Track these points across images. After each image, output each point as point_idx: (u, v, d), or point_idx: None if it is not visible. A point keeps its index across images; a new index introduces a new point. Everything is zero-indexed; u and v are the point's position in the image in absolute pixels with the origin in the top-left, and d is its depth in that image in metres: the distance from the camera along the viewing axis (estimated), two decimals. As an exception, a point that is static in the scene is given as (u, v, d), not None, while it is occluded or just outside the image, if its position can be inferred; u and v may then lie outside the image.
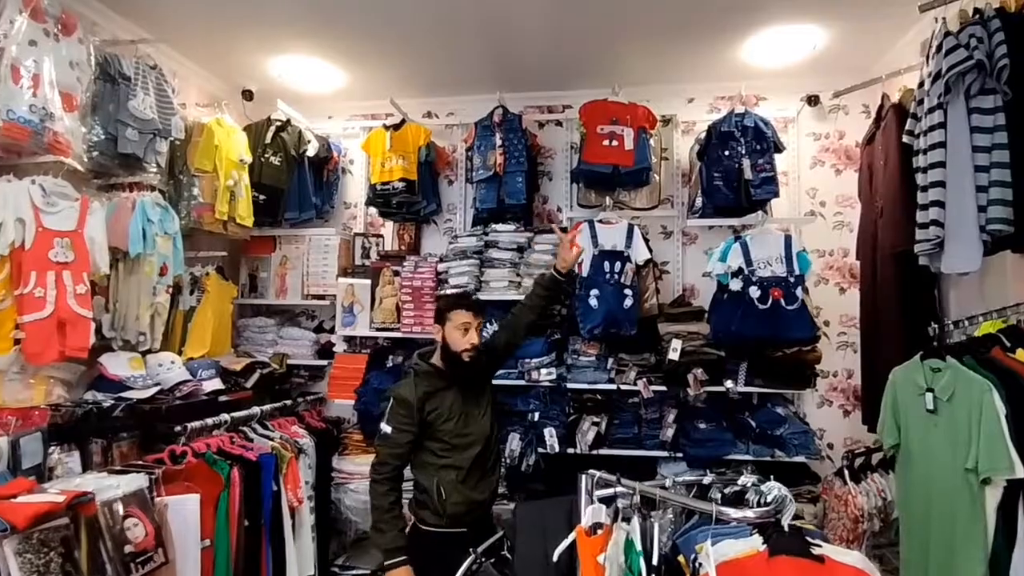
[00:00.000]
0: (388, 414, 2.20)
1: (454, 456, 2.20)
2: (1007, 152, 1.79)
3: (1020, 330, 1.92)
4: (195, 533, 2.14)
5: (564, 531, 1.60)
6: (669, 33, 2.94)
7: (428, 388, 2.19)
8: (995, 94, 1.82)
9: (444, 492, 2.16)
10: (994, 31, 1.81)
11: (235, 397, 2.91)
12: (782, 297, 2.53)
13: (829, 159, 3.38)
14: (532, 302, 2.45)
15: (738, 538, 1.28)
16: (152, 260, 2.51)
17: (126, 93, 2.52)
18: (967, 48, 1.80)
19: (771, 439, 2.89)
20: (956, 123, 1.86)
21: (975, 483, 1.80)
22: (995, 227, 1.79)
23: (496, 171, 3.11)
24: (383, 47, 3.08)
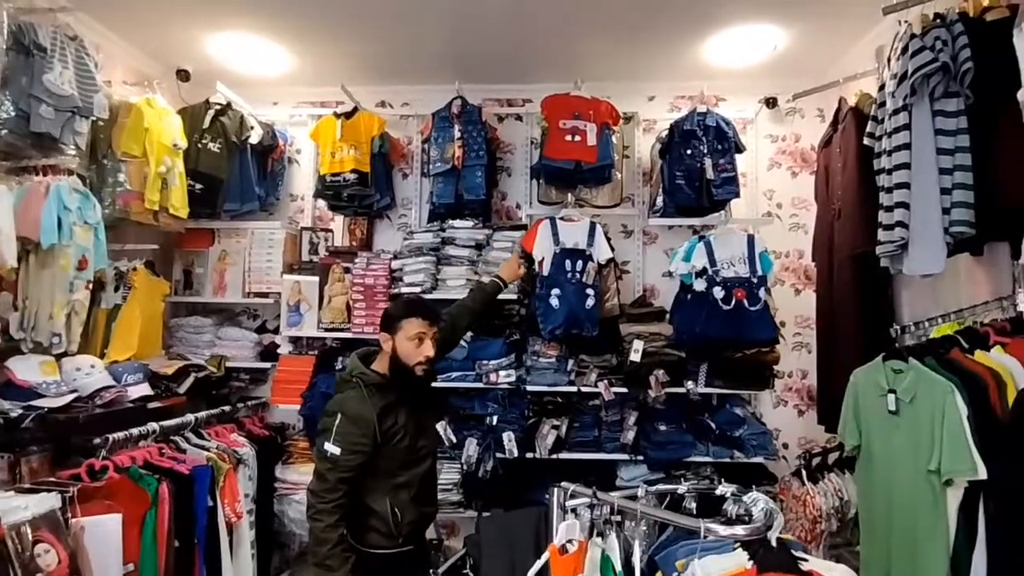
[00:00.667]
0: (335, 432, 1.88)
1: (407, 474, 2.01)
2: (969, 155, 1.81)
3: (977, 332, 1.94)
4: (116, 557, 1.93)
5: (532, 546, 1.50)
6: (631, 29, 2.88)
7: (382, 403, 1.95)
8: (958, 97, 1.83)
9: (399, 513, 1.97)
10: (957, 35, 1.82)
11: (166, 404, 2.67)
12: (745, 298, 2.52)
13: (786, 161, 3.41)
14: (475, 306, 2.44)
15: (721, 553, 1.20)
16: (69, 252, 2.25)
17: (41, 66, 2.25)
18: (932, 51, 1.81)
19: (730, 440, 2.88)
20: (920, 125, 1.86)
21: (937, 484, 1.80)
22: (958, 229, 1.80)
23: (454, 164, 2.97)
24: (336, 28, 2.88)
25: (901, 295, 2.64)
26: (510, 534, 1.54)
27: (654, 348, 2.88)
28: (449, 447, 2.96)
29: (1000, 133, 1.77)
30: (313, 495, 1.90)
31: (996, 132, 1.79)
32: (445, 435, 2.97)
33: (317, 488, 1.89)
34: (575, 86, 3.04)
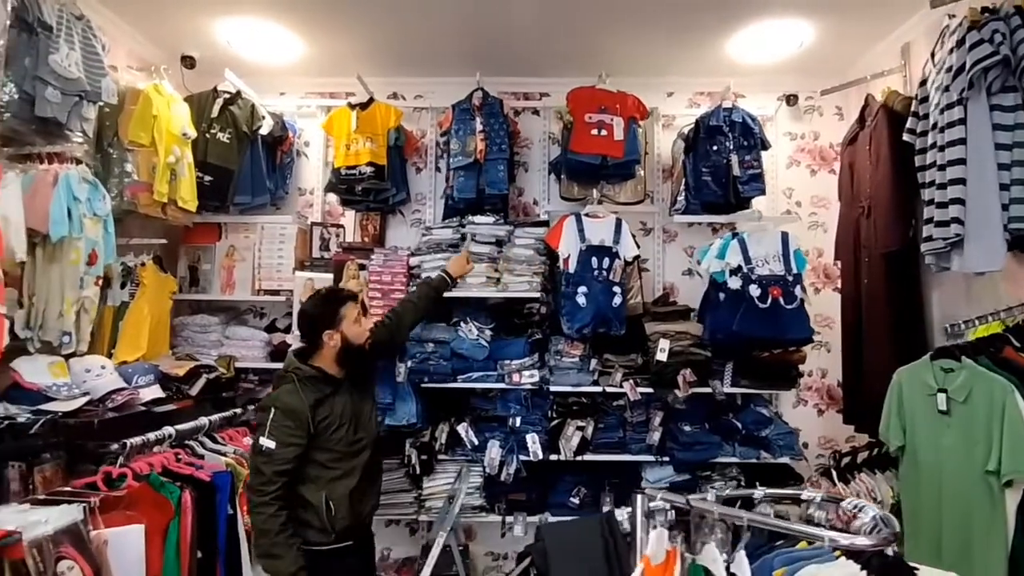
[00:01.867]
0: (269, 426, 1.99)
1: (343, 465, 2.10)
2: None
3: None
4: (140, 571, 1.81)
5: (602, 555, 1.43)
6: (658, 24, 2.83)
7: (317, 395, 2.06)
8: (1015, 91, 1.81)
9: (334, 507, 2.05)
10: (1015, 28, 1.80)
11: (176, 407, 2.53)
12: (781, 296, 2.48)
13: (805, 159, 3.39)
14: (420, 303, 2.61)
15: (822, 562, 1.14)
16: (79, 246, 2.11)
17: (46, 45, 2.10)
18: (992, 43, 1.78)
19: (757, 440, 2.85)
20: (977, 119, 1.83)
21: (995, 485, 1.78)
22: (1016, 226, 1.78)
23: (476, 158, 2.88)
24: (351, 14, 2.75)
25: (931, 294, 2.62)
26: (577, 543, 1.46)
27: (680, 347, 2.83)
28: (471, 449, 2.87)
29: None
30: (251, 490, 1.99)
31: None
32: (467, 437, 2.89)
33: (254, 483, 1.98)
34: (600, 79, 2.97)
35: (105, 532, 1.71)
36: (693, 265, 3.34)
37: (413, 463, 2.86)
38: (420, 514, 2.91)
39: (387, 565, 3.23)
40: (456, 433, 2.90)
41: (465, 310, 3.06)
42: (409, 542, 3.27)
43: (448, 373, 2.90)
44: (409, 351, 2.90)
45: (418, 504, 2.91)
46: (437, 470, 2.91)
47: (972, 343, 1.98)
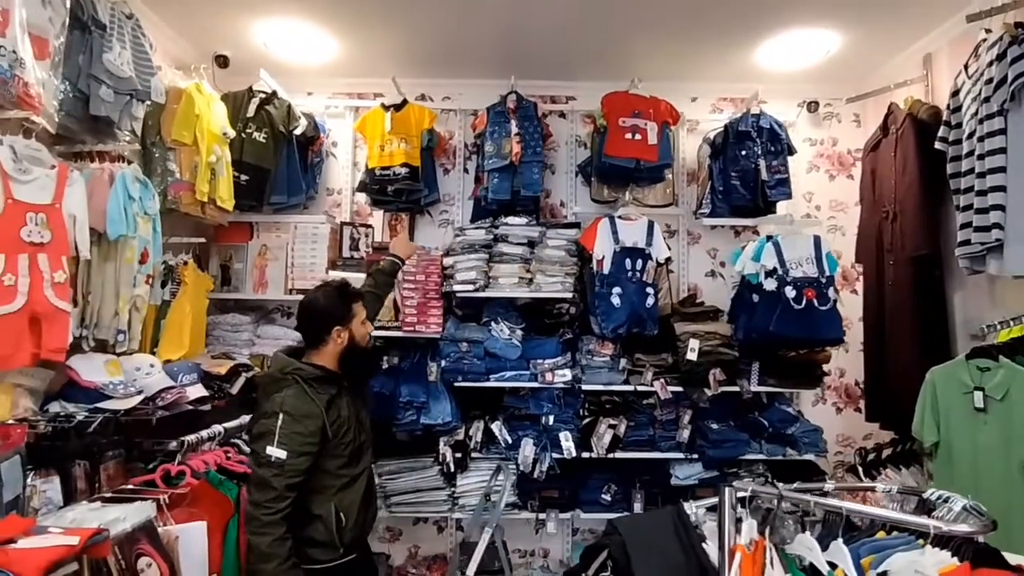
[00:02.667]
0: (279, 434, 1.79)
1: (350, 471, 1.95)
2: (1065, 160, 1.87)
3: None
4: (203, 568, 1.81)
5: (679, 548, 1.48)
6: (688, 31, 2.88)
7: (326, 396, 1.90)
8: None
9: (344, 517, 1.90)
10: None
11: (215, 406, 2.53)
12: (815, 297, 2.56)
13: (824, 164, 3.48)
14: (380, 292, 2.48)
15: (909, 550, 1.21)
16: (134, 244, 2.11)
17: (100, 44, 2.09)
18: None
19: (784, 438, 2.92)
20: (1018, 130, 1.92)
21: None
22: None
23: (512, 160, 2.92)
24: (388, 16, 2.76)
25: (953, 296, 2.72)
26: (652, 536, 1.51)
27: (709, 347, 2.90)
28: (505, 448, 2.91)
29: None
30: (257, 507, 1.79)
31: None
32: (500, 435, 2.93)
33: (261, 499, 1.79)
34: (632, 84, 3.03)
35: (174, 528, 1.72)
36: (716, 267, 3.42)
37: (447, 461, 2.89)
38: (454, 511, 2.94)
39: (417, 562, 3.25)
40: (490, 431, 2.94)
41: (495, 310, 3.10)
42: (437, 540, 3.30)
43: (482, 372, 2.94)
44: (443, 350, 2.94)
45: (452, 501, 2.94)
46: (471, 468, 2.94)
47: (1008, 343, 2.06)
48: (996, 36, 2.03)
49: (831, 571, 1.14)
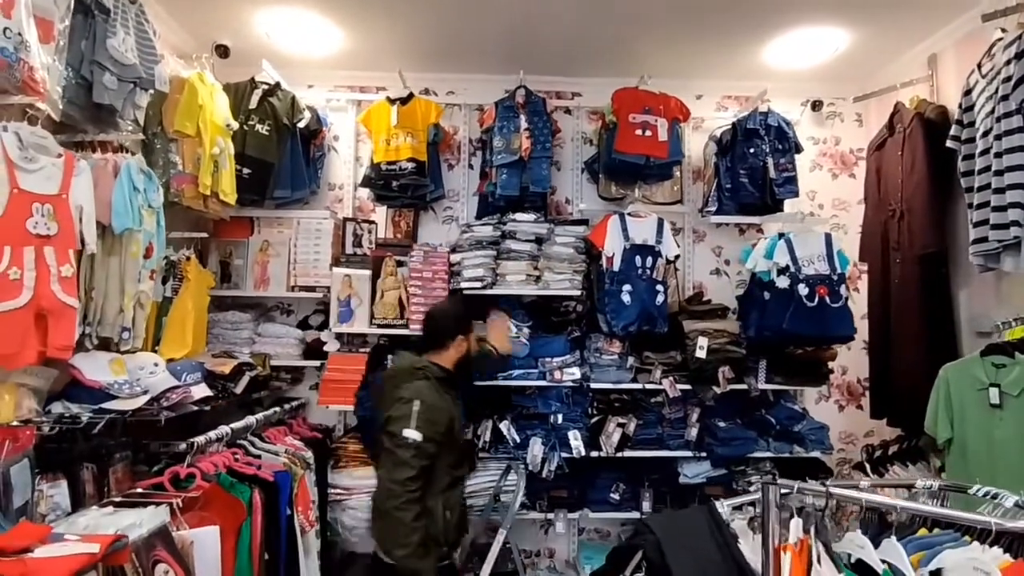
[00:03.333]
0: (416, 418, 1.98)
1: (457, 472, 2.11)
2: (1083, 159, 1.89)
3: (1072, 329, 2.04)
4: (216, 573, 1.74)
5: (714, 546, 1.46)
6: (695, 29, 2.88)
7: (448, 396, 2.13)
8: (1072, 103, 1.91)
9: (450, 514, 2.02)
10: (1071, 43, 1.90)
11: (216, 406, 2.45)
12: (827, 295, 2.56)
13: (827, 163, 3.50)
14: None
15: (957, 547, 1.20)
16: (139, 239, 2.03)
17: (104, 29, 2.01)
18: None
19: (791, 435, 2.93)
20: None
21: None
22: (1073, 229, 1.88)
23: (521, 156, 2.88)
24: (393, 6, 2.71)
25: (959, 294, 2.74)
26: (687, 535, 1.48)
27: (718, 345, 2.89)
28: (513, 447, 2.87)
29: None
30: (400, 484, 1.92)
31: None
32: (509, 435, 2.89)
33: (401, 477, 1.93)
34: (642, 80, 3.02)
35: (188, 533, 1.65)
36: (721, 265, 3.42)
37: (455, 461, 2.84)
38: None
39: (421, 564, 3.20)
40: (498, 431, 2.90)
41: (503, 304, 3.06)
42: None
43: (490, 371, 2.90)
44: (451, 349, 2.89)
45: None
46: (479, 468, 2.89)
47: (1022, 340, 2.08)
48: (1013, 35, 2.04)
49: (887, 570, 1.12)
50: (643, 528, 1.56)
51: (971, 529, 1.22)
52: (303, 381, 3.26)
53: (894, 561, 1.14)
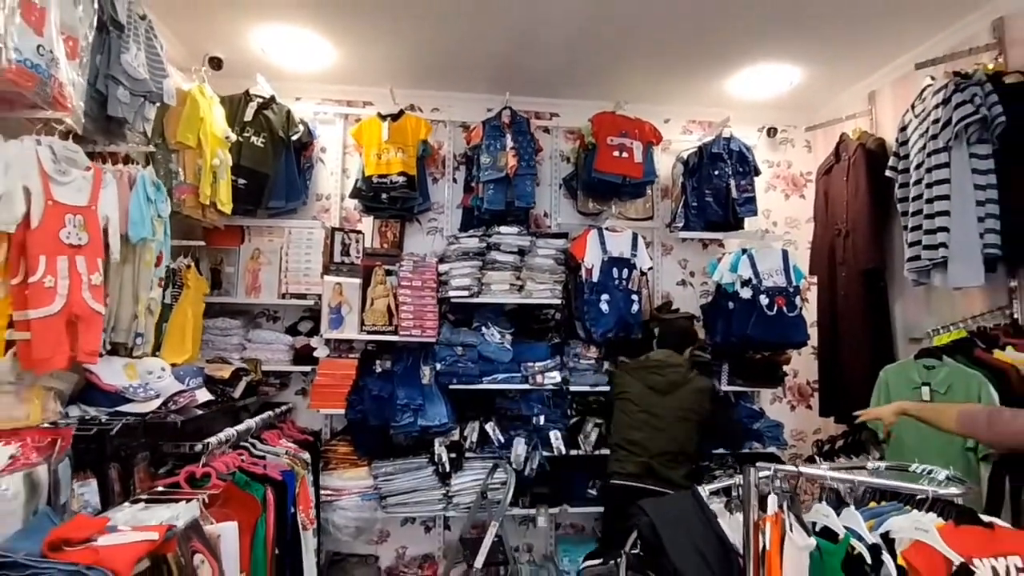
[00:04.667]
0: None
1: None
2: (996, 191, 2.23)
3: (988, 335, 2.38)
4: (235, 567, 1.84)
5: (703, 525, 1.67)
6: (667, 61, 3.15)
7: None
8: (989, 144, 2.25)
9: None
10: (988, 93, 2.24)
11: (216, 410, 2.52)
12: (785, 305, 2.85)
13: (780, 185, 3.84)
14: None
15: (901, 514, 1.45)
16: (152, 247, 2.10)
17: (118, 45, 2.08)
18: (973, 104, 2.21)
19: (750, 433, 3.20)
20: (959, 163, 2.26)
21: (973, 460, 2.20)
22: (989, 251, 2.22)
23: (507, 173, 3.07)
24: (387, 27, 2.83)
25: (895, 305, 3.10)
26: (676, 515, 1.69)
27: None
28: (498, 447, 3.03)
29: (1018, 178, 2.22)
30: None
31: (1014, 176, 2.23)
32: (494, 435, 3.05)
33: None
34: (618, 105, 3.26)
35: (214, 528, 1.75)
36: (686, 276, 3.70)
37: (443, 461, 2.97)
38: (448, 510, 3.03)
39: (406, 563, 3.32)
40: (484, 432, 3.05)
41: (486, 315, 3.23)
42: (425, 540, 3.38)
43: (475, 375, 3.06)
44: (439, 354, 3.05)
45: (446, 500, 3.03)
46: (465, 467, 3.04)
47: (949, 345, 2.41)
48: (941, 83, 2.38)
49: (848, 533, 1.36)
50: (637, 511, 1.76)
51: (910, 500, 1.48)
52: (289, 386, 3.33)
53: (853, 526, 1.37)
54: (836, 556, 1.35)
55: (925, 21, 2.68)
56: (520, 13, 2.70)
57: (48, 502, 1.43)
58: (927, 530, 1.32)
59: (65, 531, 1.28)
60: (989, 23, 2.51)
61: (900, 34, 2.81)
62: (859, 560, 1.33)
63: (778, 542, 1.42)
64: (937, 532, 1.32)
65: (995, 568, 1.30)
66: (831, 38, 2.87)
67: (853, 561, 1.34)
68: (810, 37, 2.86)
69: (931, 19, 2.67)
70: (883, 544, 1.35)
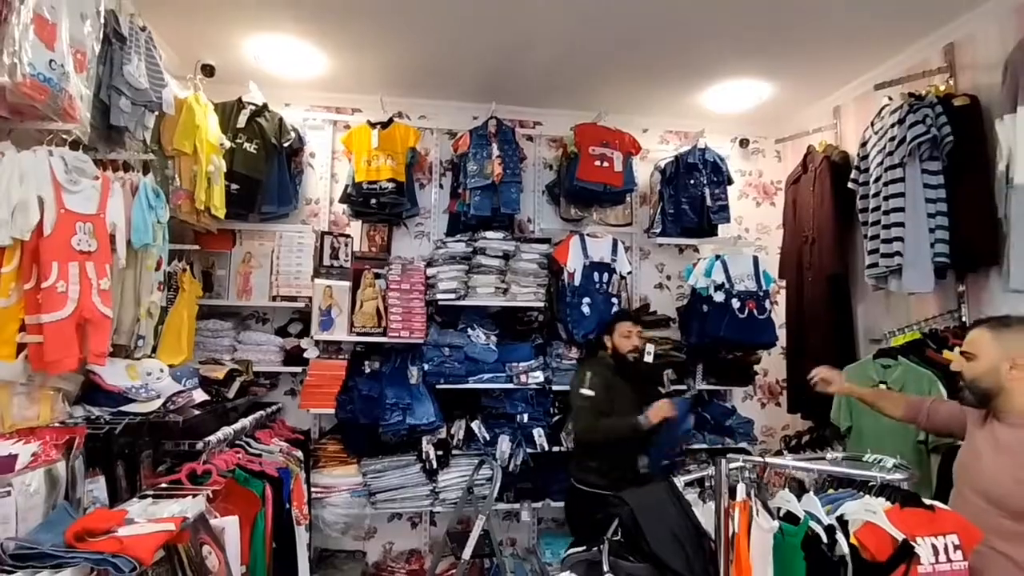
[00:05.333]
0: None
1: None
2: (946, 205, 2.43)
3: (938, 336, 2.58)
4: (236, 559, 1.93)
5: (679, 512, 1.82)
6: (648, 74, 3.30)
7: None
8: (938, 161, 2.44)
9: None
10: (938, 114, 2.43)
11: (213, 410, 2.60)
12: (755, 308, 3.03)
13: (752, 193, 4.04)
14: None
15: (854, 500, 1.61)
16: (154, 252, 2.18)
17: (120, 56, 2.16)
18: (925, 124, 2.41)
19: (724, 429, 3.39)
20: (912, 178, 2.45)
21: (924, 452, 2.39)
22: (939, 260, 2.41)
23: (494, 180, 3.19)
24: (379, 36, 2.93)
25: (858, 308, 3.30)
26: (654, 504, 1.83)
27: (663, 351, 3.31)
28: (483, 444, 3.15)
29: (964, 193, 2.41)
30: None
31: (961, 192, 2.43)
32: (480, 433, 3.17)
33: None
34: (599, 116, 3.40)
35: (218, 521, 1.83)
36: (663, 280, 3.86)
37: (430, 458, 3.08)
38: (435, 505, 3.14)
39: (393, 558, 3.41)
40: (470, 430, 3.17)
41: (471, 317, 3.36)
42: (411, 535, 3.48)
43: (462, 375, 3.18)
44: (427, 355, 3.16)
45: (433, 496, 3.14)
46: (451, 464, 3.15)
47: (903, 346, 2.60)
48: (897, 103, 2.57)
49: (807, 516, 1.51)
50: (618, 501, 1.90)
51: (864, 486, 1.64)
52: (278, 387, 3.40)
53: (812, 510, 1.52)
54: (797, 537, 1.50)
55: (883, 44, 2.88)
56: (507, 27, 2.82)
57: (65, 497, 1.51)
58: (876, 512, 1.48)
59: (87, 523, 1.36)
60: (941, 48, 2.72)
61: (861, 55, 3.01)
62: (816, 540, 1.48)
63: (746, 526, 1.57)
64: (884, 514, 1.48)
65: (935, 545, 1.47)
66: (798, 57, 3.05)
67: (811, 541, 1.49)
68: (779, 56, 3.04)
69: (888, 42, 2.87)
70: (838, 526, 1.51)
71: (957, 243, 2.42)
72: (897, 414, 2.08)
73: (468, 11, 2.69)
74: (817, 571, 1.46)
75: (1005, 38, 2.39)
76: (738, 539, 1.57)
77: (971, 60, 2.61)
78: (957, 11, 2.59)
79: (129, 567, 1.25)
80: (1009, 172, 2.06)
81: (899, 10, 2.57)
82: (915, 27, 2.73)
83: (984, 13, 2.53)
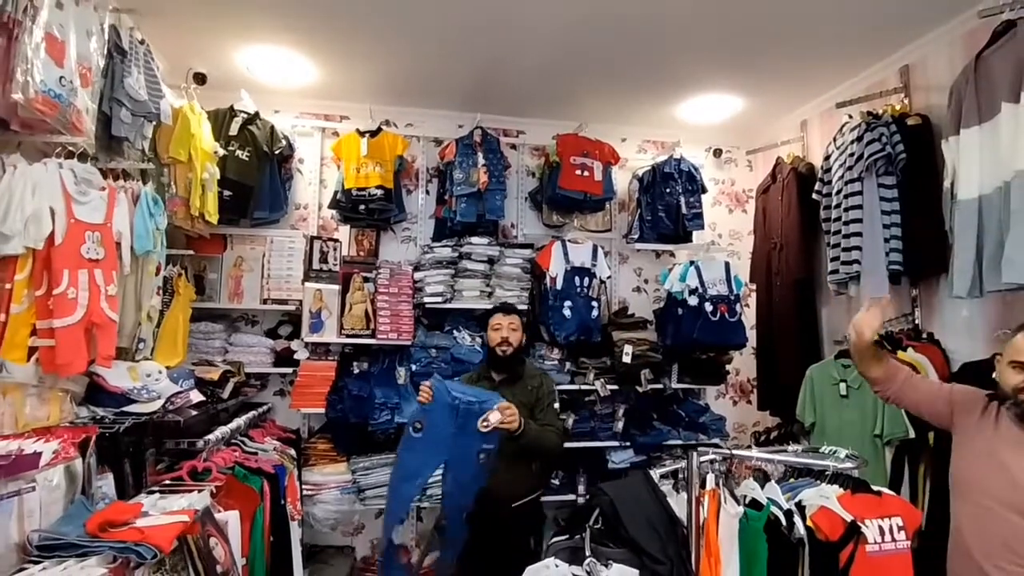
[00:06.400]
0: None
1: None
2: (900, 216, 2.63)
3: (894, 337, 2.78)
4: (238, 552, 2.03)
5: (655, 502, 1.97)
6: (627, 87, 3.45)
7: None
8: (893, 176, 2.64)
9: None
10: (893, 133, 2.63)
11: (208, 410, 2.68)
12: (726, 311, 3.20)
13: (725, 200, 4.23)
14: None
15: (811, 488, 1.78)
16: (154, 259, 2.26)
17: (121, 69, 2.24)
18: (880, 142, 2.60)
19: (697, 426, 3.56)
20: (869, 192, 2.65)
21: (880, 445, 2.59)
22: (893, 267, 2.61)
23: (479, 188, 3.31)
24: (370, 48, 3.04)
25: (822, 312, 3.50)
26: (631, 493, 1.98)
27: (640, 352, 3.47)
28: (469, 442, 3.27)
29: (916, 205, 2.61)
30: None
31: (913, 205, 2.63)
32: (465, 431, 3.28)
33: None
34: (580, 127, 3.55)
35: (222, 515, 1.93)
36: (641, 284, 4.03)
37: (418, 456, 3.19)
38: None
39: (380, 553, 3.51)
40: (457, 428, 3.28)
41: (457, 319, 3.48)
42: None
43: (448, 375, 3.28)
44: (415, 356, 3.27)
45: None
46: (440, 461, 3.26)
47: (862, 347, 2.79)
48: (856, 121, 2.77)
49: (770, 501, 1.67)
50: (598, 491, 2.04)
51: (821, 476, 1.81)
52: (268, 387, 3.48)
53: (774, 497, 1.69)
54: (760, 521, 1.66)
55: (844, 64, 3.08)
56: (492, 40, 2.94)
57: (81, 492, 1.60)
58: (829, 498, 1.65)
59: (107, 515, 1.46)
60: (897, 69, 2.92)
61: (826, 74, 3.21)
62: (777, 523, 1.65)
63: (715, 512, 1.73)
64: (837, 499, 1.66)
65: (881, 527, 1.64)
66: (769, 75, 3.23)
67: (773, 524, 1.65)
68: (750, 72, 3.22)
69: (849, 63, 3.07)
70: (796, 510, 1.68)
71: (910, 251, 2.61)
72: (874, 373, 1.95)
73: (455, 24, 2.80)
74: (778, 551, 1.62)
75: (954, 63, 2.58)
76: (708, 524, 1.72)
77: (924, 82, 2.81)
78: (912, 36, 2.79)
79: (151, 554, 1.36)
80: (954, 189, 2.24)
81: (860, 33, 2.77)
82: (874, 49, 2.93)
83: (936, 38, 2.73)
